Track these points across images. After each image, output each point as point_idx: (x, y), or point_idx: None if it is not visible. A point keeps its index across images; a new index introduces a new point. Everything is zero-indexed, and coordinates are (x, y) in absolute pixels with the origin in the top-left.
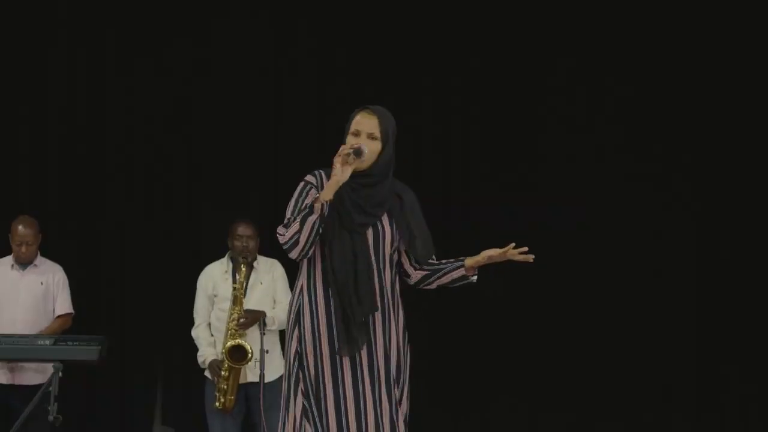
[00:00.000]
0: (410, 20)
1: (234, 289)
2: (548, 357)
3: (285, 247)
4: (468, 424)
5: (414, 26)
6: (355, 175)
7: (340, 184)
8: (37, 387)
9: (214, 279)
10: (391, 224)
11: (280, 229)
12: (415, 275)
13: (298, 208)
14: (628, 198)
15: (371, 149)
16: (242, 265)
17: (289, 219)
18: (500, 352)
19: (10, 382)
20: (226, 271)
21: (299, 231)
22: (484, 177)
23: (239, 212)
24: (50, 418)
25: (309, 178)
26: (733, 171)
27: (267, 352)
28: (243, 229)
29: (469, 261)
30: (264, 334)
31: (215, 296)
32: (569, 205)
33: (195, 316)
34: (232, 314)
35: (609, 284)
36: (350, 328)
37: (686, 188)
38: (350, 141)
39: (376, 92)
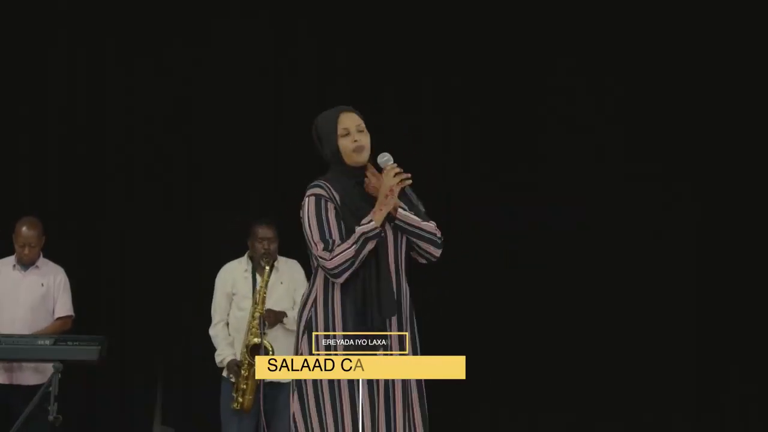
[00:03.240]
0: (410, 20)
1: (259, 288)
2: (548, 357)
3: (334, 271)
4: (468, 425)
5: (414, 26)
6: (357, 169)
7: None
8: (37, 387)
9: (234, 277)
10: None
11: (323, 254)
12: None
13: (328, 228)
14: (628, 198)
15: (366, 142)
16: (266, 267)
17: (327, 241)
18: (500, 352)
19: (8, 382)
20: (246, 270)
21: (354, 257)
22: (484, 177)
23: (239, 212)
24: (50, 418)
25: (318, 191)
26: (733, 171)
27: (272, 352)
28: (264, 232)
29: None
30: (264, 334)
31: (234, 295)
32: (569, 205)
33: (213, 314)
34: (254, 313)
35: (609, 284)
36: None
37: (686, 188)
38: (344, 143)
39: (377, 92)
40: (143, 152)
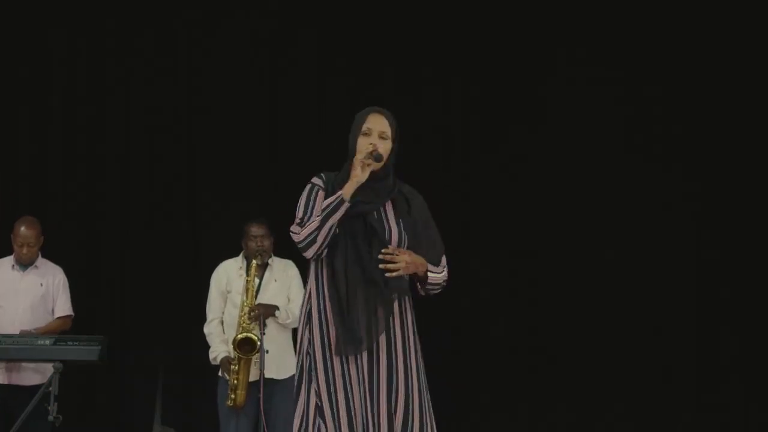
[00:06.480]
0: (410, 20)
1: (247, 282)
2: (548, 357)
3: (301, 245)
4: (467, 425)
5: (414, 26)
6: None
7: (359, 184)
8: (36, 387)
9: (229, 275)
10: (398, 223)
11: (294, 228)
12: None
13: (310, 208)
14: (629, 198)
15: (384, 149)
16: (254, 262)
17: (302, 219)
18: (499, 351)
19: (8, 382)
20: (240, 268)
21: (318, 229)
22: (484, 176)
23: (240, 212)
24: (50, 418)
25: (315, 180)
26: (734, 170)
27: (267, 351)
28: (256, 229)
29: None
30: (264, 333)
31: (229, 293)
32: (569, 204)
33: (207, 312)
34: (243, 307)
35: (609, 284)
36: (352, 328)
37: (686, 188)
38: (362, 141)
39: (376, 92)
40: (143, 152)
